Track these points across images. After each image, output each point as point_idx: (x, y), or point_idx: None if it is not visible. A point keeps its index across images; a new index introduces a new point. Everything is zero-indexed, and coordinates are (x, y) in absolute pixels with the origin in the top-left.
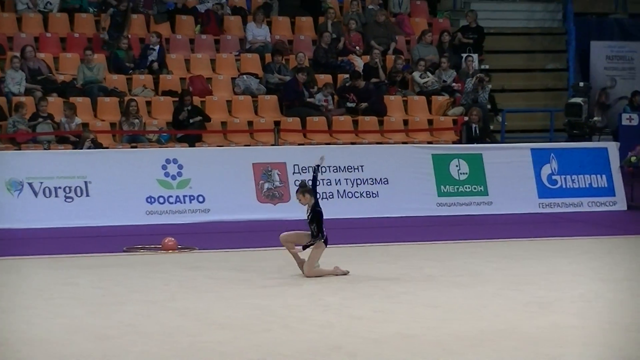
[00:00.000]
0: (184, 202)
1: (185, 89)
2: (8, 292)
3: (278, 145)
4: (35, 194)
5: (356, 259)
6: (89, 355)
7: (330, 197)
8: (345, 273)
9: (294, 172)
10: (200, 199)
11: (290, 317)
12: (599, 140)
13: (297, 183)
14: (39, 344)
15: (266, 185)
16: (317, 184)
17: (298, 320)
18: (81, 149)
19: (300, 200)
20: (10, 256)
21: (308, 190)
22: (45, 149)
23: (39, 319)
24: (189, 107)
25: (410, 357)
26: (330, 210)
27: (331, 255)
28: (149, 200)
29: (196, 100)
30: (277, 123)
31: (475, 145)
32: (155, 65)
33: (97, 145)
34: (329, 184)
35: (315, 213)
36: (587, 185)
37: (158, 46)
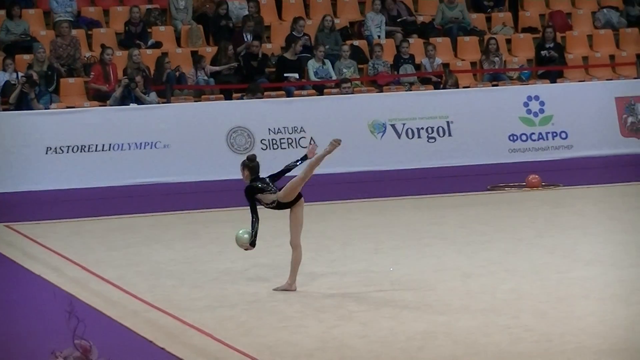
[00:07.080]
0: (547, 139)
1: (547, 25)
2: (379, 234)
3: None
4: (399, 135)
5: None
6: (456, 291)
7: None
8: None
9: None
10: (563, 135)
11: None
12: None
13: None
14: (409, 283)
15: (630, 119)
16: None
17: None
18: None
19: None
20: (377, 198)
21: (248, 166)
22: (407, 90)
23: (407, 259)
24: (552, 44)
25: None
26: None
27: None
28: (511, 138)
29: (556, 35)
30: (639, 56)
31: None
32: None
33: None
34: None
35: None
36: None
37: None
